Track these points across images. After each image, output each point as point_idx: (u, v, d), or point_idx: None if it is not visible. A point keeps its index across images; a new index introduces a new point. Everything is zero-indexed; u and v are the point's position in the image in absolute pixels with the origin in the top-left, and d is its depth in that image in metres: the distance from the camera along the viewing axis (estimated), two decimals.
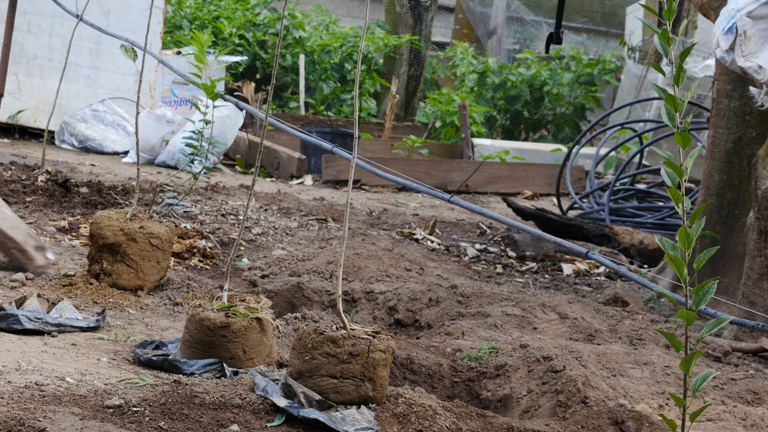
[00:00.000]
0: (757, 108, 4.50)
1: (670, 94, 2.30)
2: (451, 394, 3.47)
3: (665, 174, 2.27)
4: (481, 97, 14.37)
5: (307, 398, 2.66)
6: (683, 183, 2.27)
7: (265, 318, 3.14)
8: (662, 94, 2.31)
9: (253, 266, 4.96)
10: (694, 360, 2.25)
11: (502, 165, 10.19)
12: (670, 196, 2.26)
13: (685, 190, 2.28)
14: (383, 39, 14.74)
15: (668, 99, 2.30)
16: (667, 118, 2.31)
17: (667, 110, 2.30)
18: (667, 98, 2.30)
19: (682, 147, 2.27)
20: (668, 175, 2.27)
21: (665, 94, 2.30)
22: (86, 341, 3.31)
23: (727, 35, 4.34)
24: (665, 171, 2.27)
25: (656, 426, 2.93)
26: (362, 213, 7.47)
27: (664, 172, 2.27)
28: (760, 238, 4.39)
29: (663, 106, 2.32)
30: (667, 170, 2.27)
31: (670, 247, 2.24)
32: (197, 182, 5.82)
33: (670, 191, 2.26)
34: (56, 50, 9.51)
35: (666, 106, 2.31)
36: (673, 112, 2.30)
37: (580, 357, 3.54)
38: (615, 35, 17.46)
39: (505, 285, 5.34)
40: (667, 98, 2.30)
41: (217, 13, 13.82)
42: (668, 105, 2.30)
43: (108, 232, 4.00)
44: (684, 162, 2.27)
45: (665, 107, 2.31)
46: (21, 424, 2.39)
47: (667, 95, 2.30)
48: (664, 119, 2.32)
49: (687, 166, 2.27)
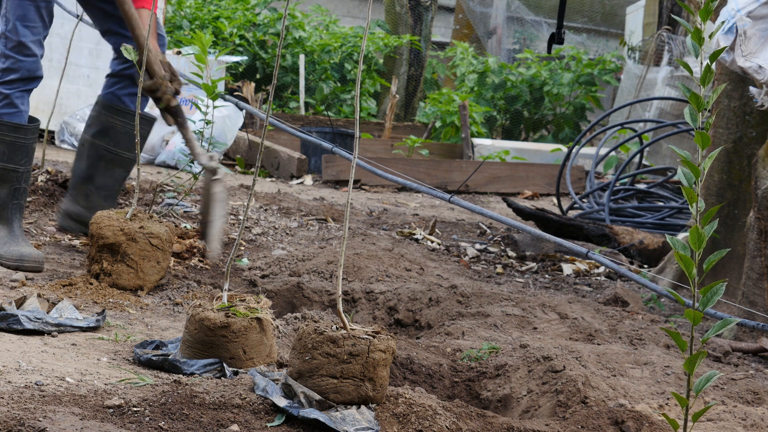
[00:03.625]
0: (757, 108, 4.50)
1: (694, 93, 2.28)
2: (451, 394, 3.47)
3: (681, 173, 2.26)
4: (481, 97, 14.37)
5: (307, 398, 2.66)
6: (698, 183, 2.26)
7: (265, 318, 3.14)
8: (686, 93, 2.30)
9: (253, 266, 4.96)
10: (699, 360, 2.25)
11: (502, 165, 10.19)
12: (685, 196, 2.25)
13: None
14: (383, 39, 14.74)
15: (692, 98, 2.28)
16: (689, 118, 2.30)
17: (691, 110, 2.29)
18: (691, 97, 2.28)
19: (701, 147, 2.26)
20: (684, 174, 2.27)
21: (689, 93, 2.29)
22: (86, 341, 3.31)
23: (727, 35, 4.34)
24: (682, 171, 2.26)
25: (656, 426, 2.93)
26: (362, 213, 7.47)
27: (681, 172, 2.27)
28: (760, 238, 4.39)
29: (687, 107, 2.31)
30: (684, 170, 2.27)
31: (681, 247, 2.24)
32: (197, 182, 5.82)
33: (685, 191, 2.25)
34: (56, 50, 9.51)
35: (690, 106, 2.29)
36: (697, 112, 2.29)
37: (580, 357, 3.54)
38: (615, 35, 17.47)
39: (505, 285, 5.34)
40: (691, 97, 2.28)
41: (217, 13, 13.82)
42: (692, 104, 2.28)
43: (108, 232, 4.00)
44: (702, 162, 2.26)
45: (689, 108, 2.30)
46: (21, 424, 2.39)
47: (691, 94, 2.29)
48: (686, 119, 2.31)
49: (705, 167, 2.26)
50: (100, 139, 4.55)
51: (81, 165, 4.60)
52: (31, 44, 4.26)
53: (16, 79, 4.26)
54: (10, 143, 4.26)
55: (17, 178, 4.29)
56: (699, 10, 2.30)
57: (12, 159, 4.27)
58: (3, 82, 4.27)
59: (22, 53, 4.26)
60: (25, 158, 4.30)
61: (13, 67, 4.26)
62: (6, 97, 4.27)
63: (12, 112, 4.26)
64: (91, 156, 4.57)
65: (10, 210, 4.29)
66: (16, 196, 4.30)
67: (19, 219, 4.32)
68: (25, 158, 4.30)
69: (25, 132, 4.28)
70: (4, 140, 4.26)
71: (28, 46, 4.26)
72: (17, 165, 4.28)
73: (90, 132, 4.62)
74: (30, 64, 4.26)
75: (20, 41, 4.25)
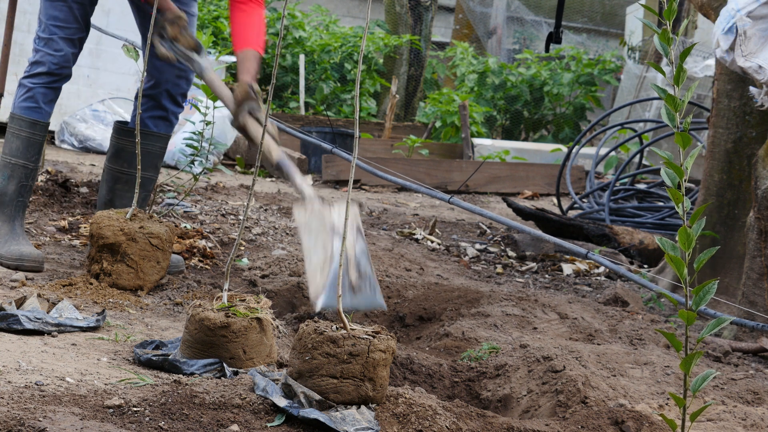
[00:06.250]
0: (757, 108, 4.50)
1: (670, 94, 2.30)
2: (451, 394, 3.47)
3: (665, 174, 2.27)
4: (481, 97, 14.37)
5: (307, 398, 2.66)
6: (683, 183, 2.27)
7: (265, 318, 3.14)
8: (662, 94, 2.31)
9: (253, 266, 4.96)
10: (695, 360, 2.25)
11: (502, 165, 10.19)
12: (670, 197, 2.25)
13: (685, 190, 2.28)
14: (383, 39, 14.73)
15: (668, 99, 2.30)
16: (666, 119, 2.31)
17: (667, 110, 2.30)
18: (667, 98, 2.30)
19: (682, 147, 2.27)
20: (668, 175, 2.27)
21: (665, 94, 2.30)
22: (86, 341, 3.31)
23: (727, 35, 4.34)
24: (665, 171, 2.27)
25: (656, 426, 2.93)
26: (362, 213, 7.48)
27: (664, 173, 2.27)
28: (760, 238, 4.39)
29: (663, 106, 2.32)
30: (667, 170, 2.27)
31: (670, 247, 2.24)
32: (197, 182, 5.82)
33: (670, 191, 2.25)
34: None
35: (666, 106, 2.30)
36: (673, 112, 2.29)
37: (580, 357, 3.54)
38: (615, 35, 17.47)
39: (505, 285, 5.34)
40: (667, 98, 2.30)
41: (217, 13, 13.82)
42: (668, 105, 2.30)
43: (108, 232, 3.99)
44: (684, 162, 2.27)
45: (665, 107, 2.31)
46: (21, 424, 2.39)
47: (667, 95, 2.30)
48: (664, 119, 2.31)
49: (687, 167, 2.26)
50: (114, 162, 4.55)
51: (102, 190, 4.59)
52: (59, 41, 4.28)
53: (41, 73, 4.28)
54: (25, 138, 4.28)
55: (26, 174, 4.30)
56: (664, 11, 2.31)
57: (25, 155, 4.29)
58: (28, 76, 4.30)
59: (51, 48, 4.28)
60: (36, 155, 4.31)
61: (40, 60, 4.29)
62: (29, 90, 4.29)
63: (32, 106, 4.28)
64: (108, 180, 4.57)
65: (14, 207, 4.30)
66: (21, 194, 4.30)
67: (21, 217, 4.33)
68: (36, 155, 4.31)
69: (41, 129, 4.30)
70: (20, 135, 4.28)
71: (57, 42, 4.28)
72: (27, 161, 4.29)
73: (107, 156, 4.62)
74: (56, 59, 4.27)
75: (49, 38, 4.28)
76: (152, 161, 4.52)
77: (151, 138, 4.48)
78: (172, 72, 4.44)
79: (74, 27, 4.30)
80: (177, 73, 4.45)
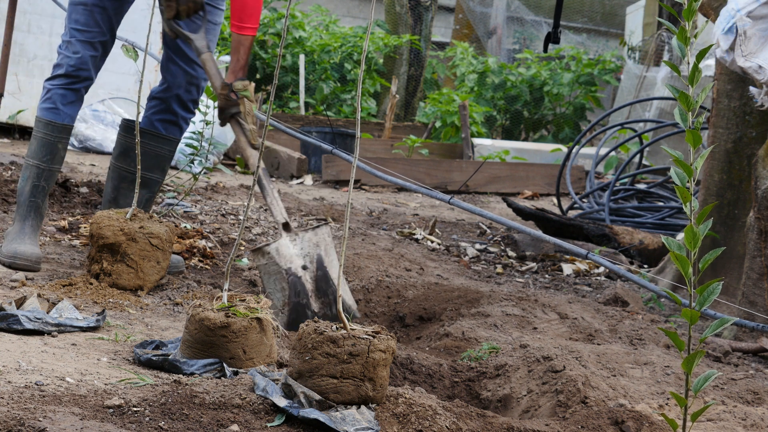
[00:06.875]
0: (757, 108, 4.50)
1: (683, 93, 2.28)
2: (451, 394, 3.47)
3: (674, 173, 2.26)
4: (481, 97, 14.37)
5: (307, 398, 2.66)
6: (692, 182, 2.26)
7: (265, 318, 3.14)
8: (675, 93, 2.29)
9: (253, 266, 4.96)
10: (697, 360, 2.24)
11: (502, 165, 10.19)
12: (678, 195, 2.25)
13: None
14: (383, 39, 14.74)
15: (681, 98, 2.28)
16: (679, 118, 2.30)
17: (680, 110, 2.29)
18: (680, 97, 2.28)
19: (693, 146, 2.26)
20: (677, 174, 2.27)
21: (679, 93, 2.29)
22: (86, 341, 3.31)
23: (727, 35, 4.35)
24: (674, 170, 2.26)
25: (656, 426, 2.93)
26: (362, 213, 7.48)
27: (674, 172, 2.27)
28: (760, 238, 4.39)
29: (677, 105, 2.31)
30: (676, 170, 2.26)
31: (676, 247, 2.24)
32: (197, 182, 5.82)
33: (678, 190, 2.25)
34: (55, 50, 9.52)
35: (680, 105, 2.29)
36: (686, 111, 2.28)
37: (580, 357, 3.54)
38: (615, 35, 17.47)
39: (505, 285, 5.35)
40: (681, 97, 2.28)
41: None
42: (681, 104, 2.28)
43: (108, 232, 4.00)
44: (694, 162, 2.26)
45: (679, 107, 2.30)
46: (21, 424, 2.39)
47: (680, 94, 2.29)
48: (676, 118, 2.31)
49: (697, 166, 2.26)
50: (121, 161, 4.56)
51: (107, 188, 4.62)
52: (77, 43, 4.33)
53: (59, 74, 4.34)
54: (40, 139, 4.31)
55: (38, 175, 4.32)
56: (683, 11, 2.30)
57: (38, 155, 4.31)
58: (49, 78, 4.37)
59: (69, 50, 4.34)
60: (48, 156, 4.32)
61: (59, 62, 4.36)
62: (47, 91, 4.35)
63: (49, 107, 4.33)
64: (114, 178, 4.59)
65: (27, 207, 4.31)
66: (34, 194, 4.32)
67: (33, 218, 4.32)
68: (48, 156, 4.32)
69: (55, 129, 4.31)
70: (36, 136, 4.33)
71: (74, 45, 4.34)
72: (39, 162, 4.31)
73: (113, 154, 4.64)
74: (73, 60, 4.32)
75: (68, 41, 4.35)
76: (161, 164, 4.54)
77: (161, 141, 4.51)
78: (183, 78, 4.50)
79: (94, 31, 4.35)
80: (188, 79, 4.50)
